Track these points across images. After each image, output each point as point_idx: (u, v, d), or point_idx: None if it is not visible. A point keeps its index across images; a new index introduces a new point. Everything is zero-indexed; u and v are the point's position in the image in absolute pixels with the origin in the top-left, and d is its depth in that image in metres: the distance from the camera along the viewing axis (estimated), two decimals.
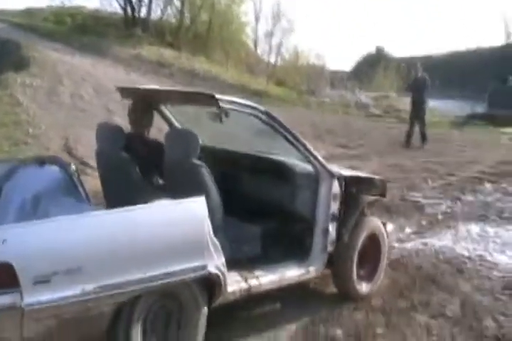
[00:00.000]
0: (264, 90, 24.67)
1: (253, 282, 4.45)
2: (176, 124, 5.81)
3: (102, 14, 34.64)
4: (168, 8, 35.52)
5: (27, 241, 3.16)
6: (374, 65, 43.50)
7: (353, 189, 5.23)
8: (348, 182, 5.16)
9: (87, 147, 11.50)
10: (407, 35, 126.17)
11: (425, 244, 6.94)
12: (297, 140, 4.81)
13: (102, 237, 3.42)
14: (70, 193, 4.72)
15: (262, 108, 4.62)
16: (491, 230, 8.03)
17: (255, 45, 43.18)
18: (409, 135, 15.84)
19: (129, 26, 32.11)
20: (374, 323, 4.89)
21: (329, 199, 4.99)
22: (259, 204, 4.95)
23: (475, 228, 8.05)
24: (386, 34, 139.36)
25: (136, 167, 4.79)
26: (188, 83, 24.98)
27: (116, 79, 21.07)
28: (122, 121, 14.99)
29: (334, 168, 5.18)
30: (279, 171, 5.13)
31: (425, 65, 39.41)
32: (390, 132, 17.13)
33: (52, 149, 11.50)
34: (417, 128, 15.99)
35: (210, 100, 4.30)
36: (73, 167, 5.02)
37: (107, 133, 4.97)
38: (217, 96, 4.30)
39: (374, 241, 5.49)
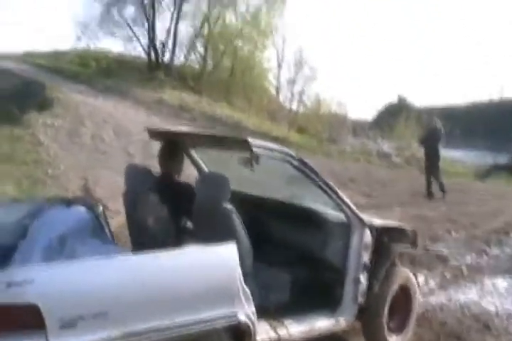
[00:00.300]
0: (285, 137, 24.58)
1: (282, 332, 4.29)
2: (205, 168, 5.73)
3: (126, 58, 35.15)
4: (192, 53, 35.84)
5: (54, 282, 3.08)
6: (396, 114, 43.42)
7: (384, 238, 5.14)
8: (379, 232, 5.05)
9: (106, 189, 11.41)
10: (429, 84, 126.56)
11: (450, 299, 6.67)
12: (329, 187, 4.71)
13: (130, 281, 3.32)
14: (96, 234, 4.63)
15: (294, 154, 4.53)
16: None
17: (277, 92, 43.36)
18: (428, 186, 15.55)
19: (152, 70, 32.47)
20: None
21: (361, 248, 4.87)
22: (289, 252, 4.82)
23: (501, 282, 7.80)
24: (408, 83, 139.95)
25: (165, 209, 4.65)
26: (210, 128, 24.97)
27: (137, 122, 21.12)
28: (141, 163, 14.96)
29: (365, 216, 5.01)
30: (311, 218, 5.01)
31: (446, 114, 39.43)
32: (412, 182, 16.88)
33: (70, 190, 11.40)
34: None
35: (243, 144, 4.21)
36: (100, 208, 4.92)
37: (136, 174, 4.86)
38: (250, 140, 4.20)
39: (405, 293, 5.34)
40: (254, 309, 3.86)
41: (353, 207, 4.86)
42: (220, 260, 3.76)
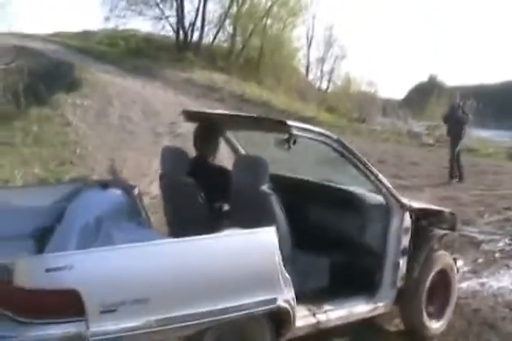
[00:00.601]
0: (314, 117, 24.36)
1: (321, 317, 4.24)
2: (242, 151, 5.64)
3: (154, 38, 35.13)
4: (220, 33, 35.66)
5: (94, 268, 3.06)
6: (426, 93, 42.96)
7: (424, 222, 5.07)
8: (418, 215, 4.96)
9: (133, 170, 11.36)
10: (461, 63, 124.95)
11: (482, 285, 6.48)
12: (369, 170, 4.62)
13: (171, 267, 3.31)
14: (132, 217, 4.54)
15: (334, 136, 4.45)
16: None
17: (307, 71, 43.13)
18: (452, 167, 14.89)
19: (181, 50, 32.41)
20: None
21: (400, 232, 4.78)
22: (327, 236, 4.72)
23: None
24: (439, 62, 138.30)
25: (201, 192, 4.63)
26: (238, 108, 24.81)
27: (165, 102, 21.08)
28: (169, 143, 14.91)
29: (404, 199, 4.90)
30: (349, 202, 4.93)
31: (478, 94, 38.90)
32: (442, 163, 16.56)
33: (97, 171, 11.37)
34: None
35: (282, 127, 4.14)
36: (137, 190, 4.80)
37: (172, 157, 4.82)
38: (290, 122, 4.15)
39: (444, 277, 5.24)
40: (293, 295, 3.81)
41: (393, 190, 4.77)
42: (260, 244, 3.73)
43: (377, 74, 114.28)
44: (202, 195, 4.62)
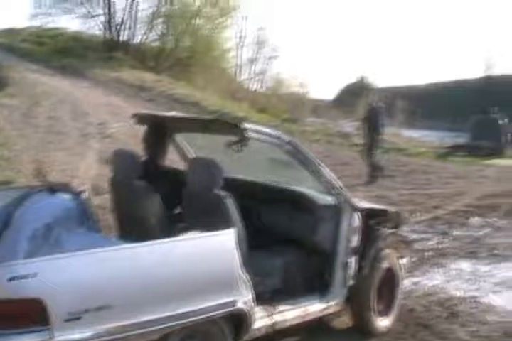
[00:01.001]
0: (246, 117, 24.28)
1: (278, 317, 4.31)
2: (191, 154, 5.57)
3: (83, 36, 34.51)
4: (151, 32, 35.31)
5: (57, 276, 3.04)
6: (356, 94, 43.47)
7: (371, 221, 5.19)
8: (366, 214, 5.08)
9: (60, 172, 11.06)
10: (391, 65, 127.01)
11: (416, 284, 6.49)
12: (321, 171, 4.73)
13: (134, 271, 3.33)
14: (82, 222, 4.48)
15: (286, 137, 4.56)
16: (482, 268, 7.69)
17: (238, 72, 43.09)
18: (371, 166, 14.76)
19: (110, 49, 32.00)
20: None
21: (350, 232, 4.90)
22: (280, 237, 4.78)
23: (466, 266, 7.71)
24: (370, 64, 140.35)
25: (153, 195, 4.56)
26: (169, 108, 24.57)
27: (94, 102, 20.73)
28: (98, 145, 14.62)
29: (354, 199, 5.03)
30: (301, 202, 4.97)
31: (408, 95, 39.58)
32: None
33: (24, 173, 11.00)
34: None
35: (236, 129, 4.21)
36: (85, 195, 4.68)
37: (123, 160, 4.76)
38: (243, 125, 4.23)
39: (391, 275, 5.38)
40: (252, 297, 3.89)
41: (345, 191, 4.88)
42: (220, 247, 3.78)
43: (308, 75, 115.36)
44: (154, 197, 4.54)
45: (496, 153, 26.43)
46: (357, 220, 4.94)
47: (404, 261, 5.68)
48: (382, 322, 5.28)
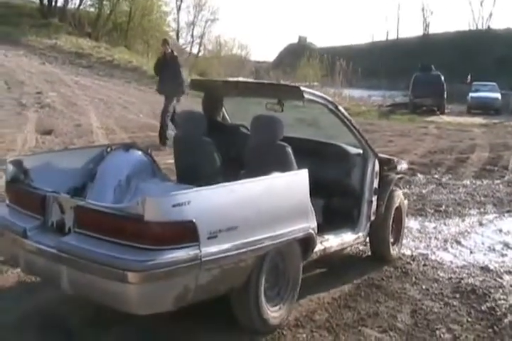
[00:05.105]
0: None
1: (326, 244, 5.12)
2: (227, 116, 6.32)
3: (15, 3, 33.48)
4: None
5: (204, 203, 3.80)
6: (297, 54, 43.37)
7: (385, 168, 6.03)
8: (381, 162, 5.92)
9: None
10: (330, 25, 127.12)
11: (365, 244, 6.46)
12: (354, 126, 5.62)
13: (250, 200, 4.13)
14: (154, 174, 5.35)
15: (330, 99, 5.48)
16: (430, 225, 7.77)
17: (177, 36, 42.50)
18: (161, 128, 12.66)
19: (45, 16, 31.21)
20: None
21: (373, 175, 5.79)
22: (320, 181, 5.14)
23: (414, 223, 7.73)
24: (308, 24, 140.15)
25: (215, 148, 5.25)
26: (108, 74, 24.17)
27: (30, 71, 20.22)
28: (35, 115, 14.26)
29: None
30: (336, 153, 5.89)
31: (348, 54, 39.61)
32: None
33: None
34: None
35: (296, 91, 5.02)
36: (150, 151, 5.55)
37: (189, 120, 5.37)
38: (302, 88, 4.98)
39: (398, 212, 6.31)
40: (316, 225, 4.68)
41: (369, 141, 5.80)
42: (300, 183, 4.57)
43: (249, 37, 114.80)
44: (216, 150, 5.23)
45: (439, 109, 26.76)
46: (377, 166, 5.83)
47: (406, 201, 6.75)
48: (395, 251, 6.24)
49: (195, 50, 42.90)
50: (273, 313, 4.41)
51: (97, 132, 13.56)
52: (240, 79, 6.16)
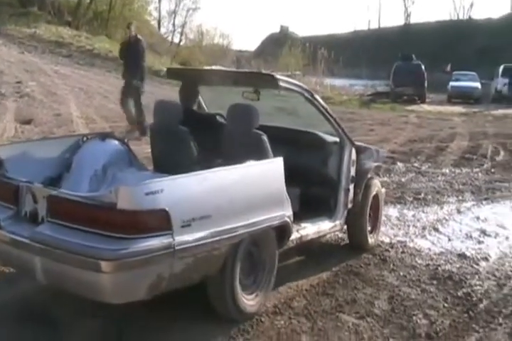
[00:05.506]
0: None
1: (303, 232, 5.16)
2: (204, 105, 6.36)
3: None
4: None
5: (177, 191, 3.82)
6: (279, 44, 43.31)
7: (362, 156, 6.04)
8: (358, 151, 5.92)
9: None
10: (312, 14, 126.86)
11: (344, 231, 6.49)
12: (330, 114, 5.62)
13: (221, 189, 4.11)
14: (131, 163, 5.35)
15: (307, 87, 5.48)
16: (409, 213, 7.80)
17: (159, 25, 42.29)
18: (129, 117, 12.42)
19: (24, 4, 30.89)
20: (298, 330, 4.37)
21: (350, 164, 5.79)
22: (296, 169, 5.14)
23: (393, 211, 7.78)
24: (291, 13, 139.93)
25: (192, 137, 5.20)
26: (89, 63, 24.03)
27: (9, 60, 20.06)
28: (14, 104, 14.16)
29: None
30: (313, 141, 5.91)
31: (329, 43, 39.57)
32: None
33: None
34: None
35: (271, 80, 5.03)
36: (126, 141, 5.58)
37: (165, 109, 5.29)
38: (277, 76, 5.05)
39: (375, 200, 6.35)
40: (292, 213, 4.72)
41: (346, 130, 5.82)
42: (275, 171, 4.61)
43: (231, 26, 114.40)
44: (192, 139, 5.18)
45: (419, 98, 26.86)
46: (354, 154, 5.82)
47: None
48: (372, 240, 6.26)
49: (176, 40, 42.62)
50: (249, 301, 4.43)
51: (77, 121, 13.49)
52: (217, 67, 6.11)
